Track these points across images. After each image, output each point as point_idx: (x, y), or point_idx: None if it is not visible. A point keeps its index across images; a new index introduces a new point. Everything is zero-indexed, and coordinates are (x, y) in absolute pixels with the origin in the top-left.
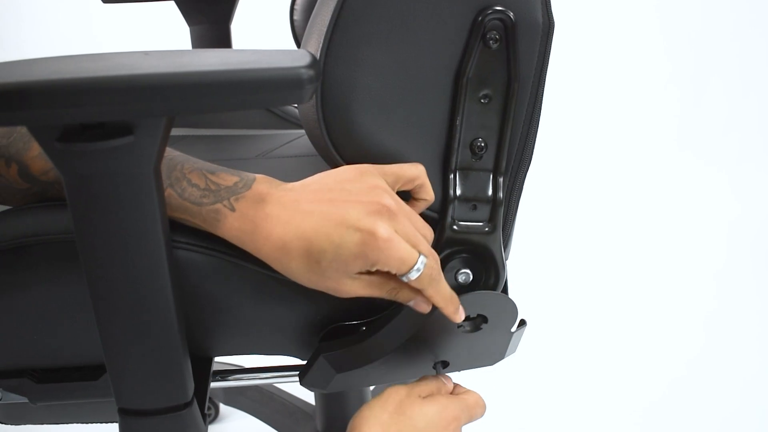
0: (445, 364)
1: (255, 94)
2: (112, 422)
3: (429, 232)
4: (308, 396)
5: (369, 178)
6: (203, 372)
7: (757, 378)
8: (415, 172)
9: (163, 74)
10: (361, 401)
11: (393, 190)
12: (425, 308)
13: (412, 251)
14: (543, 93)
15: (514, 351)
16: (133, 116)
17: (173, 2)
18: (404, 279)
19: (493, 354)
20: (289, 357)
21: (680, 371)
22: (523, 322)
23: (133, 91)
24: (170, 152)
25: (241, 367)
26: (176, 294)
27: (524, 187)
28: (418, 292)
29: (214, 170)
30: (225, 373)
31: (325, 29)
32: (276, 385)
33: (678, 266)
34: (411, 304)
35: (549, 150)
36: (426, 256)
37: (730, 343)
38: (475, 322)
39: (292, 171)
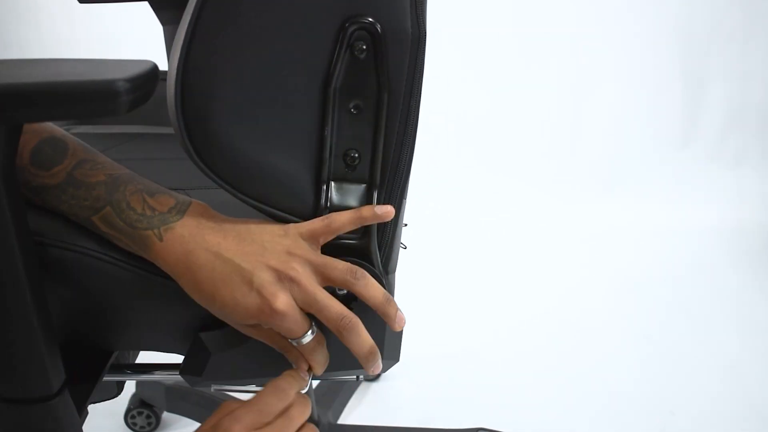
0: None
1: (74, 105)
2: None
3: (345, 276)
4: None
5: (288, 241)
6: (96, 365)
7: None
8: (323, 223)
9: None
10: None
11: (318, 247)
12: (304, 379)
13: (303, 325)
14: (418, 104)
15: (396, 359)
16: None
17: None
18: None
19: None
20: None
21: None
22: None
23: None
24: (118, 169)
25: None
26: (36, 292)
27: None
28: (302, 359)
29: (154, 192)
30: (137, 368)
31: (182, 40)
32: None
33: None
34: (293, 365)
35: (547, 158)
36: (314, 332)
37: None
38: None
39: None
